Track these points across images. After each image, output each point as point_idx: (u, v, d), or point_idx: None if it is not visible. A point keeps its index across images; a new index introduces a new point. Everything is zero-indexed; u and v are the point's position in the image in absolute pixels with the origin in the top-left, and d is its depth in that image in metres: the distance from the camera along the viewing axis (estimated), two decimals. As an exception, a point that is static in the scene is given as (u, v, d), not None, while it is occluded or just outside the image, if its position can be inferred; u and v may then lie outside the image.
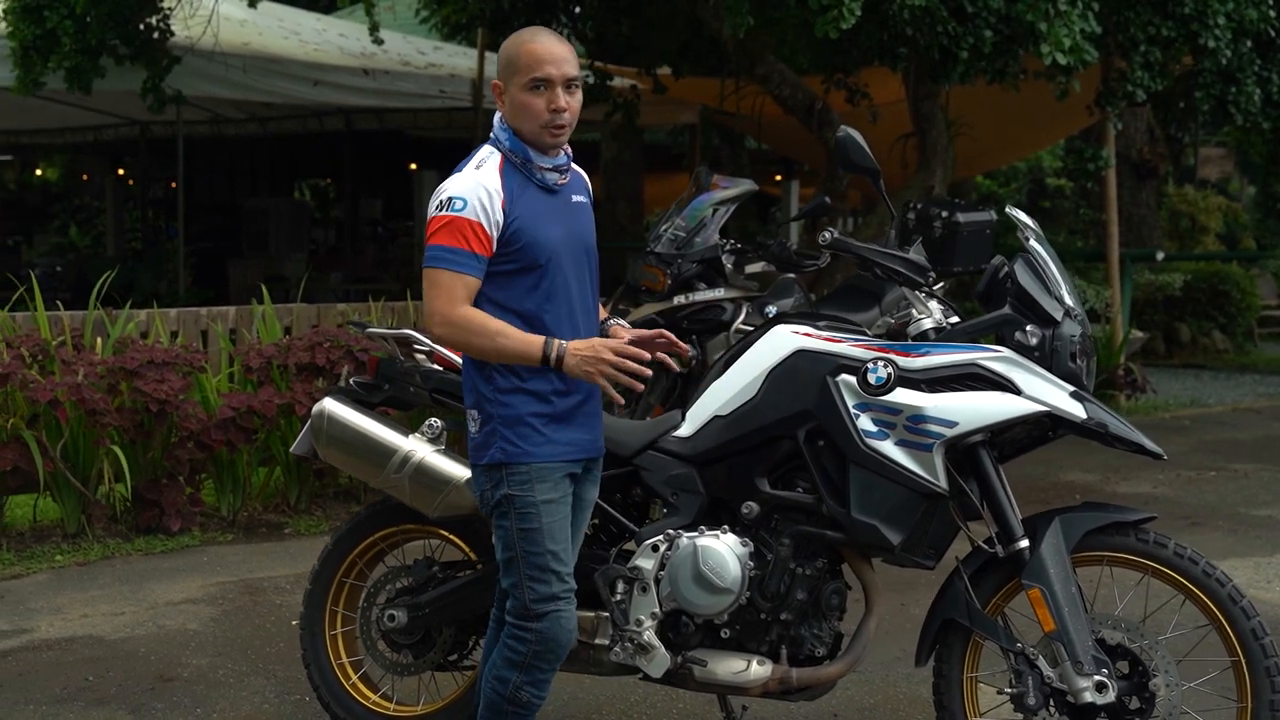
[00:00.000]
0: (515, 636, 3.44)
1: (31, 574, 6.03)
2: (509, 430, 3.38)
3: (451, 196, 3.33)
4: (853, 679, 4.58)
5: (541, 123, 3.38)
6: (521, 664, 3.44)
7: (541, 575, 3.40)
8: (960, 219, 4.09)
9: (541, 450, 3.39)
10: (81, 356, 6.53)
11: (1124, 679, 3.48)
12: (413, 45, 13.63)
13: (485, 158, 3.42)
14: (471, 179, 3.36)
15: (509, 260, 3.36)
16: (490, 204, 3.33)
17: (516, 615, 3.44)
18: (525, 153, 3.42)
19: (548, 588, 3.40)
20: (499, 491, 3.40)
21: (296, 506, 7.11)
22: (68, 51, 9.21)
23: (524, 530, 3.40)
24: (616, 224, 15.15)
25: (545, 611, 3.41)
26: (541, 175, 3.44)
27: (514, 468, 3.38)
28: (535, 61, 3.36)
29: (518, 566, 3.41)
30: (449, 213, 3.32)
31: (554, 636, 3.42)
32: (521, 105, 3.38)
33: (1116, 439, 3.47)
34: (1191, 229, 19.35)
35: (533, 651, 3.42)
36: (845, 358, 3.61)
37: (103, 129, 16.79)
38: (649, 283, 6.69)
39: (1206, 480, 8.32)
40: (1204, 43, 9.00)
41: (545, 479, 3.40)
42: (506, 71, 3.40)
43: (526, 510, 3.39)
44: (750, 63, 9.70)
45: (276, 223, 16.93)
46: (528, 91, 3.37)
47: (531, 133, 3.40)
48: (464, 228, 3.31)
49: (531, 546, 3.39)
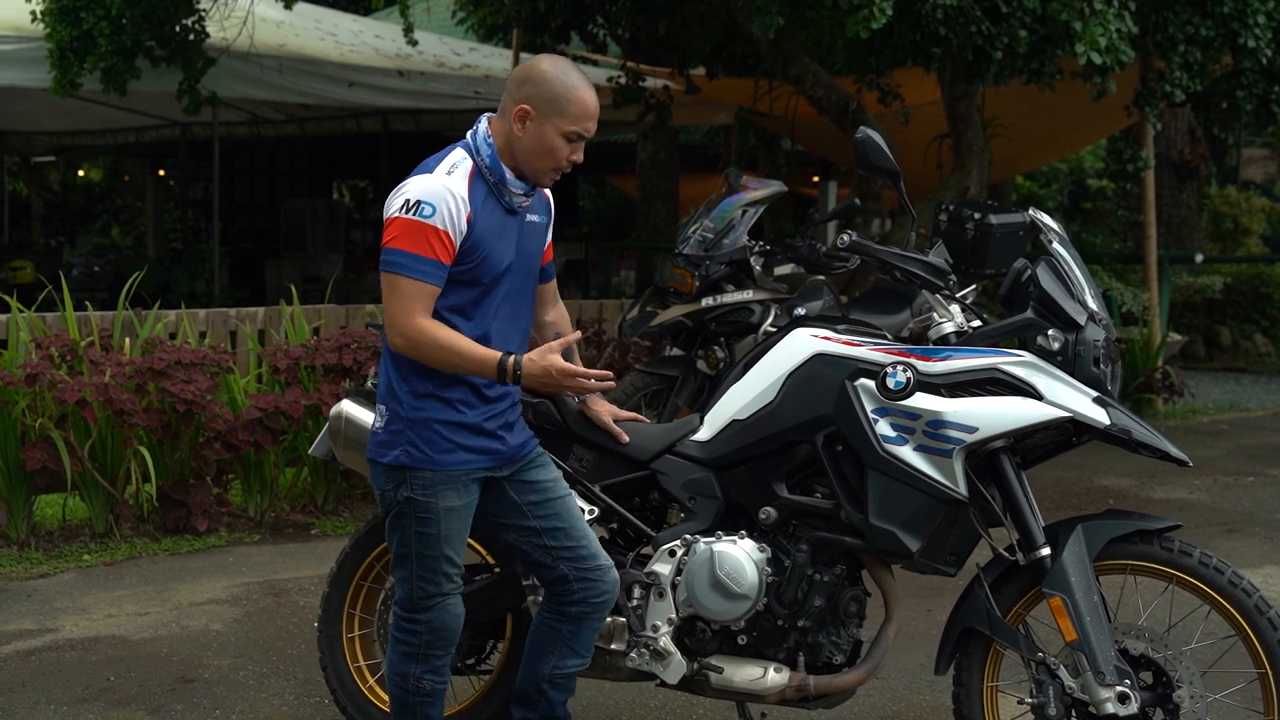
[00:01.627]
0: (405, 629, 3.54)
1: (59, 573, 6.05)
2: (415, 434, 3.41)
3: (420, 201, 3.29)
4: (873, 686, 4.54)
5: (553, 167, 3.39)
6: (417, 655, 3.54)
7: (432, 576, 3.48)
8: (993, 221, 4.04)
9: (447, 458, 3.42)
10: (110, 357, 6.55)
11: (1147, 690, 3.43)
12: (448, 46, 13.65)
13: (457, 163, 3.38)
14: (441, 184, 3.32)
15: (460, 271, 3.35)
16: (456, 213, 3.31)
17: (405, 607, 3.53)
18: (502, 175, 3.40)
19: (437, 587, 3.49)
20: (401, 493, 3.44)
21: (323, 507, 7.11)
22: (103, 53, 9.26)
23: (421, 534, 3.45)
24: (652, 225, 15.13)
25: (433, 605, 3.50)
26: (510, 199, 3.42)
27: (418, 472, 3.41)
28: (584, 114, 3.36)
29: (411, 564, 3.48)
30: (417, 217, 3.28)
31: (443, 624, 3.52)
32: (548, 146, 3.36)
33: (1141, 445, 3.41)
34: (1234, 231, 19.12)
35: (425, 641, 3.52)
36: (864, 362, 3.56)
37: (144, 130, 16.90)
38: (677, 284, 6.66)
39: (1244, 486, 8.20)
40: (1244, 42, 8.87)
41: (450, 486, 3.43)
42: (549, 108, 3.34)
43: (427, 515, 3.43)
44: (784, 63, 9.64)
45: (314, 223, 17.02)
46: (561, 137, 3.36)
47: (534, 169, 3.40)
48: (430, 235, 3.28)
49: (427, 550, 3.46)
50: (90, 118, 15.33)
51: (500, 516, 3.58)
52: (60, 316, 7.01)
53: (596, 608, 3.61)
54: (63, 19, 9.24)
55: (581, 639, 3.64)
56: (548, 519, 3.57)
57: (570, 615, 3.60)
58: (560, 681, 3.66)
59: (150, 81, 10.00)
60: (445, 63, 12.63)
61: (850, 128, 9.46)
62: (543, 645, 3.65)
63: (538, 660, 3.65)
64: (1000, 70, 8.17)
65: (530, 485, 3.58)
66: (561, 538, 3.57)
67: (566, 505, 3.61)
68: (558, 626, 3.62)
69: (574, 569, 3.57)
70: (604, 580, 3.60)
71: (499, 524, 3.60)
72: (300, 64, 11.24)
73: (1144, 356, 10.59)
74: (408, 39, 11.26)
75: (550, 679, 3.64)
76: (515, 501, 3.56)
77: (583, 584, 3.58)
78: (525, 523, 3.57)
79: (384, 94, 12.00)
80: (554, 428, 3.84)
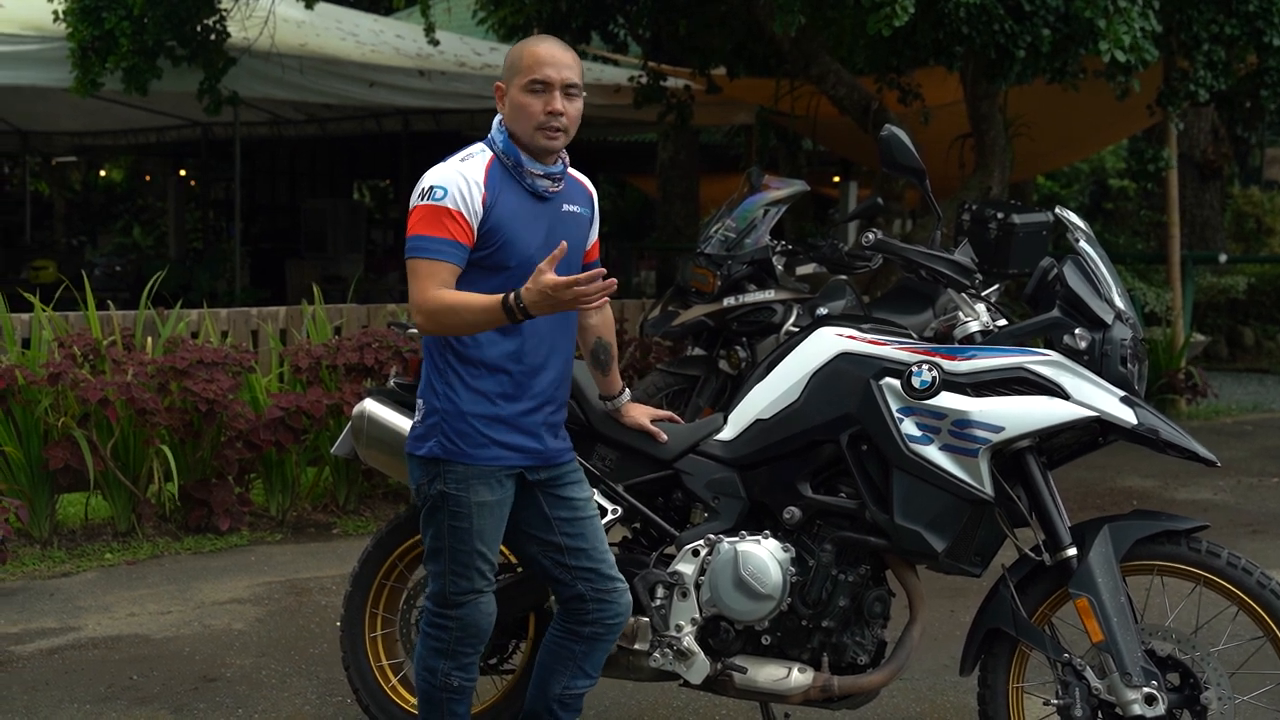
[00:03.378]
0: (436, 625, 3.52)
1: (81, 572, 6.07)
2: (450, 427, 3.40)
3: (432, 185, 3.34)
4: (898, 687, 4.52)
5: (536, 124, 3.37)
6: (447, 651, 3.52)
7: (465, 571, 3.47)
8: (1016, 220, 4.02)
9: (480, 452, 3.41)
10: (132, 356, 6.57)
11: (1174, 691, 3.40)
12: (469, 46, 13.64)
13: (473, 153, 3.43)
14: (453, 169, 3.37)
15: (482, 256, 3.36)
16: (469, 194, 3.33)
17: (437, 602, 3.51)
18: (517, 156, 3.41)
19: (470, 583, 3.48)
20: (435, 486, 3.44)
21: (345, 507, 7.11)
22: (125, 53, 9.28)
23: (454, 528, 3.44)
24: (672, 225, 15.11)
25: (465, 601, 3.48)
26: (532, 181, 3.42)
27: (451, 466, 3.41)
28: (536, 63, 3.38)
29: (444, 558, 3.47)
30: (429, 201, 3.33)
31: (475, 622, 3.51)
32: (519, 106, 3.38)
33: (1168, 445, 3.38)
34: (1257, 231, 19.01)
35: (455, 638, 3.51)
36: (889, 361, 3.54)
37: (165, 130, 16.95)
38: (698, 284, 6.65)
39: (1268, 487, 8.15)
40: (1269, 41, 8.82)
41: (483, 481, 3.42)
42: (509, 73, 3.42)
43: (459, 510, 3.43)
44: (805, 63, 9.63)
45: (335, 223, 17.04)
46: (526, 92, 3.37)
47: (526, 134, 3.39)
48: (443, 216, 3.31)
49: (460, 544, 3.45)
50: (111, 118, 15.37)
51: (527, 526, 3.57)
52: (83, 316, 7.03)
53: (610, 629, 3.61)
54: (84, 19, 9.26)
55: (593, 659, 3.63)
56: (574, 538, 3.56)
57: (584, 635, 3.60)
58: (570, 702, 3.65)
59: (171, 81, 10.02)
60: (466, 62, 12.63)
61: (872, 127, 9.44)
62: (553, 665, 3.63)
63: (548, 680, 3.64)
64: (1023, 69, 8.14)
65: (564, 501, 3.56)
66: (583, 558, 3.56)
67: (593, 526, 3.60)
68: (570, 646, 3.61)
69: (591, 589, 3.56)
70: (619, 602, 3.60)
71: (525, 533, 3.58)
72: (321, 64, 11.25)
73: (1167, 357, 10.55)
74: (429, 39, 11.27)
75: (560, 699, 3.63)
76: (545, 514, 3.55)
77: (599, 605, 3.57)
78: (551, 537, 3.56)
79: (405, 94, 12.00)
80: (577, 427, 3.83)
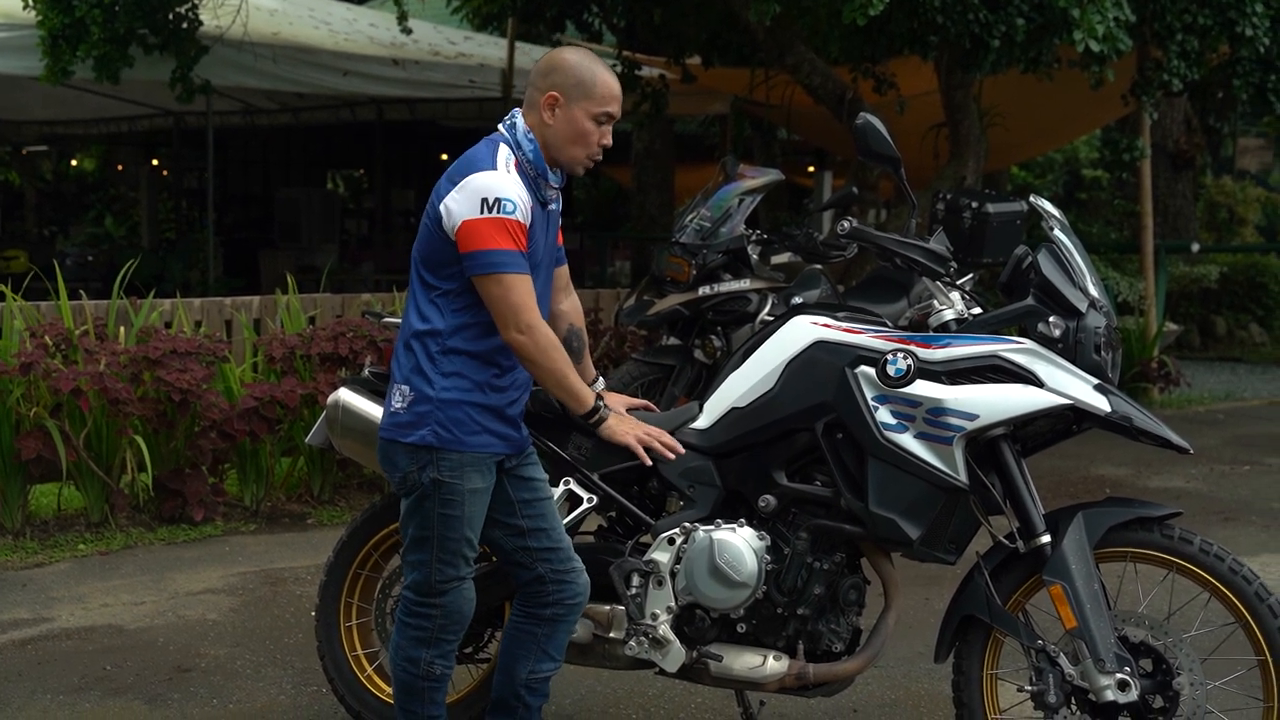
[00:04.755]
0: (418, 614, 3.53)
1: (54, 563, 6.03)
2: (445, 415, 3.41)
3: (501, 199, 3.32)
4: (873, 674, 4.53)
5: (588, 153, 3.44)
6: (429, 640, 3.54)
7: (452, 559, 3.49)
8: (990, 209, 4.03)
9: (474, 440, 3.43)
10: (104, 346, 6.53)
11: (1147, 677, 3.42)
12: (443, 35, 13.61)
13: (506, 159, 3.41)
14: (512, 181, 3.37)
15: None
16: (528, 208, 3.38)
17: (419, 591, 3.52)
18: (544, 169, 3.45)
19: (455, 570, 3.50)
20: (426, 474, 3.44)
21: (319, 497, 7.09)
22: (96, 41, 9.21)
23: (445, 515, 3.45)
24: (647, 215, 15.09)
25: (449, 589, 3.50)
26: (545, 192, 3.47)
27: (446, 454, 3.42)
28: (611, 97, 3.42)
29: (431, 547, 3.48)
30: (501, 215, 3.31)
31: (458, 609, 3.53)
32: (580, 131, 3.41)
33: (1142, 433, 3.39)
34: (1229, 220, 19.11)
35: (439, 625, 3.53)
36: (864, 349, 3.55)
37: (137, 119, 16.85)
38: (673, 273, 6.65)
39: (1240, 475, 8.21)
40: (1242, 31, 8.84)
41: (475, 468, 3.44)
42: (576, 92, 3.39)
43: (452, 498, 3.44)
44: (780, 52, 9.61)
45: (309, 213, 16.97)
46: (592, 120, 3.41)
47: (569, 157, 3.44)
48: (517, 231, 3.34)
49: (450, 531, 3.46)
50: (83, 106, 15.27)
51: (493, 511, 3.57)
52: (55, 305, 6.98)
53: (571, 609, 3.62)
54: (55, 6, 9.19)
55: (555, 642, 3.64)
56: (534, 519, 3.59)
57: (544, 618, 3.60)
58: (536, 686, 3.65)
59: (143, 70, 9.96)
60: (440, 51, 12.60)
61: (847, 117, 9.44)
62: (517, 650, 3.64)
63: (514, 665, 3.64)
64: (998, 59, 8.14)
65: (524, 482, 3.59)
66: (543, 539, 3.59)
67: (550, 507, 3.64)
68: (532, 630, 3.62)
69: (550, 570, 3.58)
70: (577, 582, 3.61)
71: (489, 518, 3.58)
72: (294, 52, 11.20)
73: (1140, 346, 10.59)
74: (402, 28, 11.22)
75: (527, 684, 3.64)
76: (510, 497, 3.57)
77: (558, 585, 3.58)
78: (514, 520, 3.58)
79: (379, 83, 11.97)
80: (552, 415, 3.83)
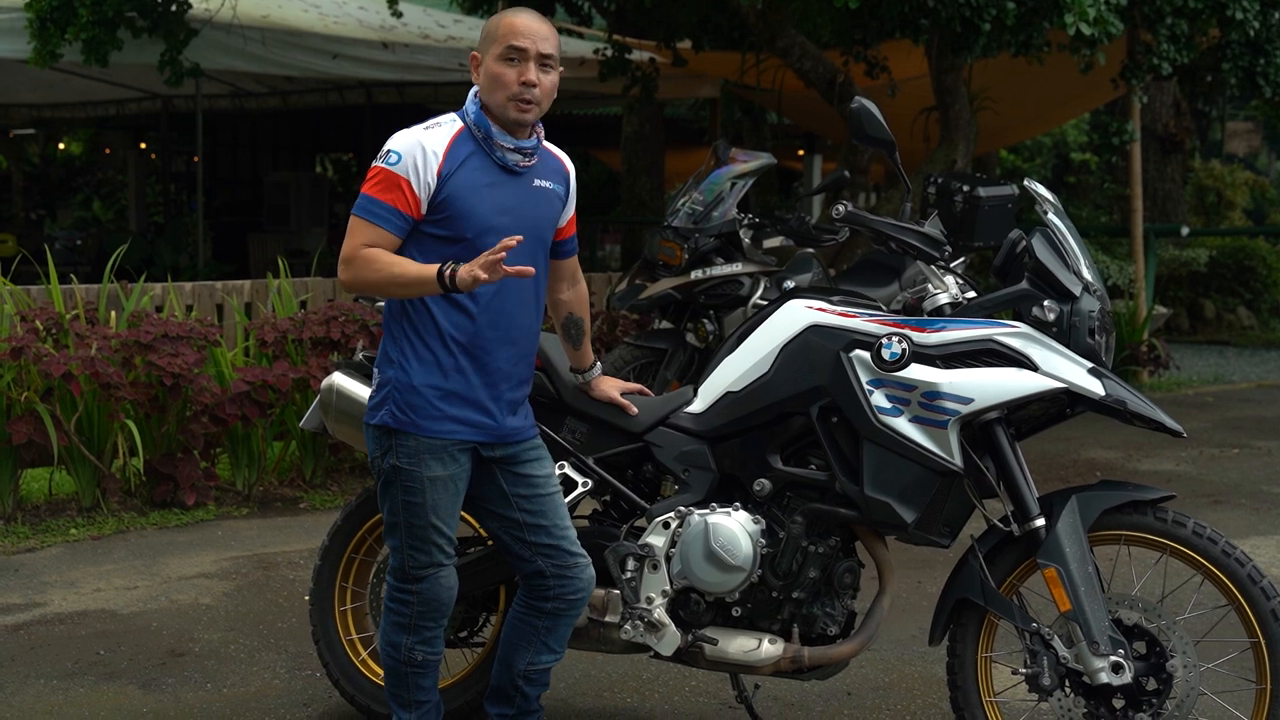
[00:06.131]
0: (397, 600, 3.54)
1: (46, 547, 6.02)
2: (402, 397, 3.40)
3: (390, 149, 3.35)
4: (867, 657, 4.54)
5: (509, 94, 3.36)
6: (409, 626, 3.53)
7: (423, 546, 3.47)
8: (981, 193, 4.04)
9: (431, 425, 3.40)
10: (95, 330, 6.51)
11: (1141, 659, 3.43)
12: (432, 19, 13.56)
13: (442, 121, 3.43)
14: (415, 136, 3.37)
15: (436, 225, 3.36)
16: (423, 164, 3.33)
17: (398, 577, 3.53)
18: (488, 128, 3.40)
19: (428, 557, 3.48)
20: (388, 460, 3.44)
21: (311, 481, 7.09)
22: (85, 23, 9.16)
23: (409, 503, 3.44)
24: (637, 199, 15.10)
25: (424, 575, 3.49)
26: (501, 154, 3.41)
27: (403, 439, 3.41)
28: (512, 32, 3.37)
29: (401, 533, 3.47)
30: (382, 164, 3.35)
31: (435, 596, 3.51)
32: (493, 75, 3.38)
33: (1135, 416, 3.40)
34: (1218, 204, 19.16)
35: (416, 612, 3.52)
36: (859, 333, 3.55)
37: (125, 103, 16.77)
38: (665, 257, 6.66)
39: (1229, 458, 8.24)
40: (1231, 14, 8.87)
41: (434, 455, 3.42)
42: (484, 42, 3.42)
43: (412, 485, 3.43)
44: (771, 36, 9.61)
45: (298, 197, 16.91)
46: (500, 61, 3.37)
47: (498, 105, 3.38)
48: (392, 182, 3.32)
49: (415, 519, 3.45)
50: (71, 90, 15.20)
51: (486, 502, 3.56)
52: (45, 290, 6.96)
53: (573, 604, 3.60)
54: (43, -11, 9.16)
55: (556, 635, 3.62)
56: (533, 515, 3.55)
57: (546, 611, 3.59)
58: (535, 677, 3.65)
59: (132, 53, 9.91)
60: (430, 34, 12.55)
61: (838, 101, 9.45)
62: (517, 641, 3.63)
63: (513, 656, 3.63)
64: (989, 42, 8.15)
65: (522, 478, 3.55)
66: (543, 535, 3.55)
67: (554, 503, 3.59)
68: (533, 622, 3.61)
69: (551, 565, 3.55)
70: (580, 578, 3.58)
71: (485, 509, 3.58)
72: (283, 36, 11.16)
73: (1130, 329, 10.62)
74: (392, 11, 11.20)
75: (525, 675, 3.63)
76: (504, 491, 3.54)
77: (559, 581, 3.56)
78: (510, 514, 3.55)
79: (368, 66, 11.92)
80: (548, 400, 3.83)
